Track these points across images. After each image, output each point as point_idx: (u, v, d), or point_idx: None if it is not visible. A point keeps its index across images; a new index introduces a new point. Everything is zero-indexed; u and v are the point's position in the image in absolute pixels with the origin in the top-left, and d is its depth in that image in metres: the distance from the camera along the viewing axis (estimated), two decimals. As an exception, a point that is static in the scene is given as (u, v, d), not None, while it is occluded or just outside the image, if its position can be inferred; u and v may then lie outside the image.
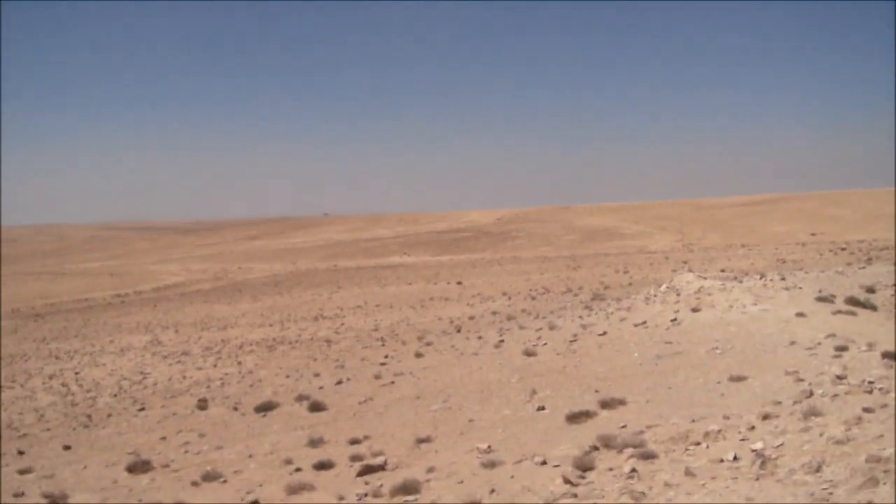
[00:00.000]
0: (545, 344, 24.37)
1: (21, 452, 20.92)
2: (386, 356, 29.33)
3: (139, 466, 16.81)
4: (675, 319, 22.97)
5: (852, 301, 22.72)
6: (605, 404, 14.33)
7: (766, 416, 11.66)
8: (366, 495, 11.43)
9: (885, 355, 14.44)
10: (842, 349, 15.88)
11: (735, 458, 9.90)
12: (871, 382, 12.64)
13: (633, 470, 10.00)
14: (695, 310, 23.42)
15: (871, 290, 25.35)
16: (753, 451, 10.04)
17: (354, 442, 15.71)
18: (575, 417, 13.87)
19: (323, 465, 13.96)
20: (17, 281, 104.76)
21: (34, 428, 24.79)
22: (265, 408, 21.89)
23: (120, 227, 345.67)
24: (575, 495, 9.42)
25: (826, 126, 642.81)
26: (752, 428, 11.26)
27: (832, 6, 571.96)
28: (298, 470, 14.20)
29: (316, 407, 20.73)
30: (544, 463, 11.21)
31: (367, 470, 12.94)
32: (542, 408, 15.62)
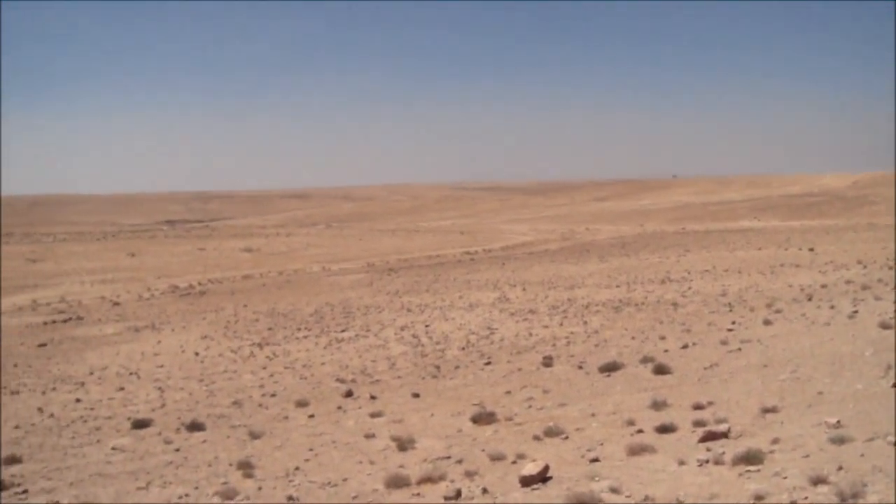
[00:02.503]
0: (902, 317, 22.90)
1: (373, 397, 22.77)
2: (733, 322, 28.73)
3: (483, 418, 17.73)
4: None
5: None
6: (970, 385, 13.29)
7: None
8: (707, 462, 11.33)
9: None
10: None
11: None
12: None
13: None
14: None
15: None
16: None
17: (698, 407, 15.59)
18: (934, 397, 12.98)
19: (665, 429, 14.03)
20: (373, 237, 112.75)
21: (386, 375, 26.83)
22: (609, 368, 22.20)
23: (472, 187, 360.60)
24: (930, 481, 8.90)
25: None
26: None
27: None
28: (640, 431, 14.35)
29: (660, 370, 20.75)
30: (898, 443, 10.65)
31: (710, 436, 12.84)
32: (898, 384, 14.74)
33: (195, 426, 20.54)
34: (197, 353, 34.24)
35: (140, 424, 21.47)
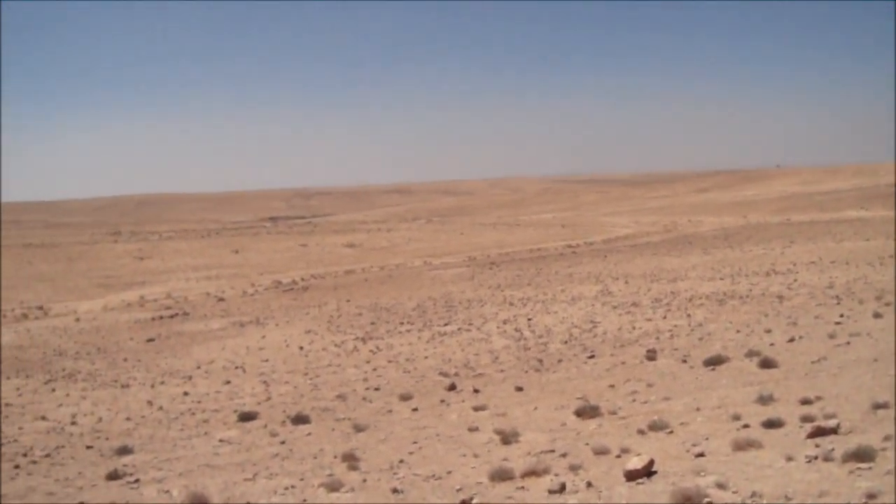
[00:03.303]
0: None
1: (476, 391, 22.92)
2: (841, 315, 27.89)
3: (587, 411, 17.68)
4: None
5: None
6: None
7: None
8: (815, 458, 11.11)
9: None
10: None
11: None
12: None
13: None
14: None
15: None
16: None
17: (805, 402, 15.24)
18: None
19: (771, 424, 13.78)
20: (474, 231, 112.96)
21: (489, 369, 26.98)
22: (714, 361, 21.86)
23: (572, 179, 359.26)
24: None
25: None
26: None
27: None
28: (746, 426, 14.13)
29: (766, 363, 20.34)
30: None
31: (819, 432, 12.58)
32: None
33: (300, 419, 20.99)
34: (301, 348, 34.92)
35: (246, 417, 22.07)
